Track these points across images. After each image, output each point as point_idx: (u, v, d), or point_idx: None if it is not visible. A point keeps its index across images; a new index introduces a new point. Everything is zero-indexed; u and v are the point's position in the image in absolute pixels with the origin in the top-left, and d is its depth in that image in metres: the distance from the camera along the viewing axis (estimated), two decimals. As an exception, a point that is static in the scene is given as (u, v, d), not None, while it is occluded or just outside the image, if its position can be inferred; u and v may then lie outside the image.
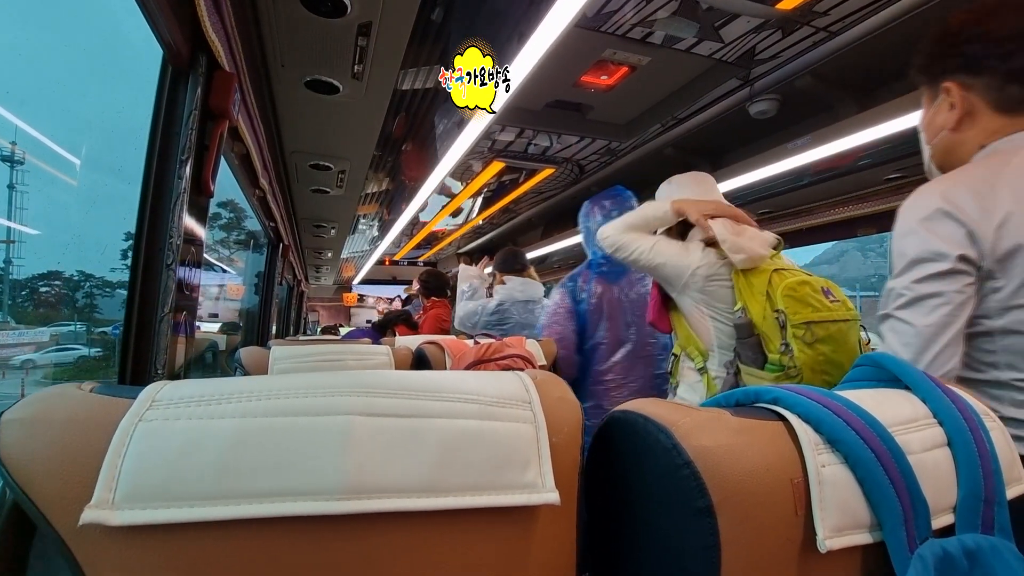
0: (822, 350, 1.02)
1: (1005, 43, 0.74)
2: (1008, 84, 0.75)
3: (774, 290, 1.07)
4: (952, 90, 0.80)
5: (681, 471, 0.36)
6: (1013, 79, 0.74)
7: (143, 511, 0.30)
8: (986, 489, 0.40)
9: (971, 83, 0.78)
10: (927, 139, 0.88)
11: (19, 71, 4.73)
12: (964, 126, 0.80)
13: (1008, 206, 0.68)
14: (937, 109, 0.83)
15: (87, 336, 4.88)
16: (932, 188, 0.74)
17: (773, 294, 1.07)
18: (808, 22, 1.47)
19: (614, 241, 1.30)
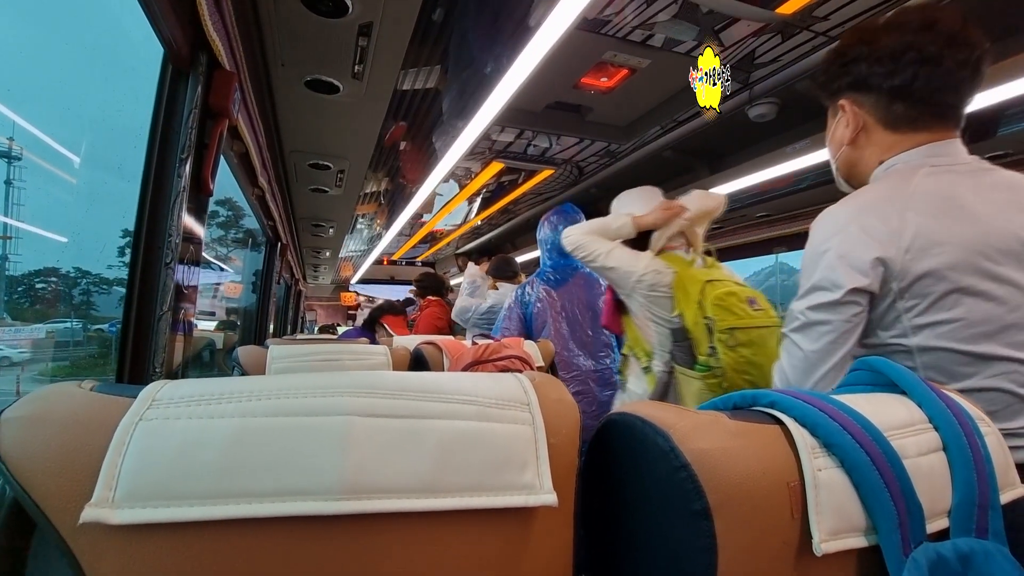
0: (743, 353, 1.14)
1: (887, 62, 0.76)
2: (893, 101, 0.78)
3: (705, 299, 1.19)
4: (846, 107, 0.83)
5: (678, 473, 0.36)
6: (897, 96, 0.77)
7: (143, 510, 0.30)
8: (980, 494, 0.40)
9: (862, 100, 0.81)
10: (831, 154, 0.91)
11: (19, 68, 4.72)
12: (860, 142, 0.83)
13: (914, 230, 0.70)
14: (836, 125, 0.86)
15: (84, 333, 4.86)
16: (838, 210, 0.77)
17: (704, 303, 1.19)
18: (808, 27, 1.47)
19: (575, 240, 1.43)
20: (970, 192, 0.72)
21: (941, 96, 0.75)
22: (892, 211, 0.72)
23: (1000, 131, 1.59)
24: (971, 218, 0.71)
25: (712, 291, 1.19)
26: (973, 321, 0.70)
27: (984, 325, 0.69)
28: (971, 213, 0.71)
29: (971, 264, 0.69)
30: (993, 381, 0.70)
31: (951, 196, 0.72)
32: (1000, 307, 0.69)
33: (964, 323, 0.70)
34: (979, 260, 0.69)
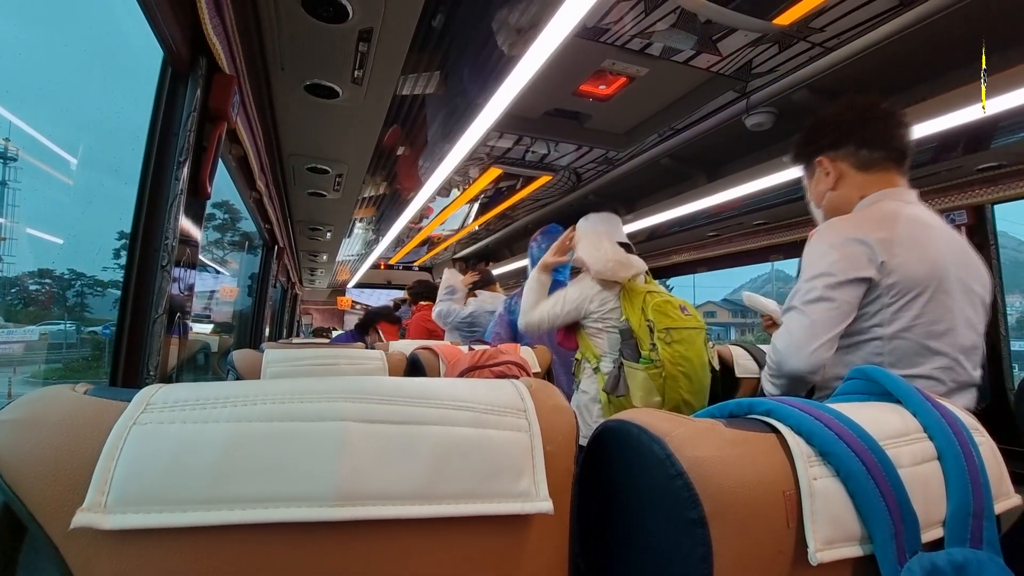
0: (677, 348, 1.46)
1: (853, 124, 1.03)
2: (860, 149, 1.02)
3: (646, 306, 1.51)
4: (824, 162, 1.07)
5: (674, 481, 0.36)
6: (863, 145, 1.02)
7: (135, 515, 0.30)
8: (975, 503, 0.40)
9: (836, 154, 1.05)
10: (816, 204, 1.13)
11: (15, 68, 4.70)
12: (840, 185, 1.05)
13: (904, 242, 0.90)
14: (817, 180, 1.09)
15: (77, 336, 4.82)
16: (842, 222, 0.96)
17: (645, 309, 1.51)
18: (804, 37, 1.49)
19: (528, 324, 1.72)
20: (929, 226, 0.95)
21: (895, 141, 1.01)
22: (888, 225, 0.91)
23: (994, 143, 1.61)
24: (934, 243, 0.92)
25: (652, 300, 1.52)
26: (931, 320, 0.89)
27: (937, 325, 0.90)
28: (934, 240, 0.93)
29: (936, 277, 0.90)
30: (935, 372, 0.90)
31: (920, 224, 0.94)
32: (948, 314, 0.90)
33: (926, 321, 0.89)
34: (940, 276, 0.90)
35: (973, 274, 0.95)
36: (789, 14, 1.37)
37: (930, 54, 1.53)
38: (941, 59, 1.55)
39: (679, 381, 1.47)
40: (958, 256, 0.95)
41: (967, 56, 1.50)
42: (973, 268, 0.96)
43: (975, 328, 0.93)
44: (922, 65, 1.59)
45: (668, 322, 1.47)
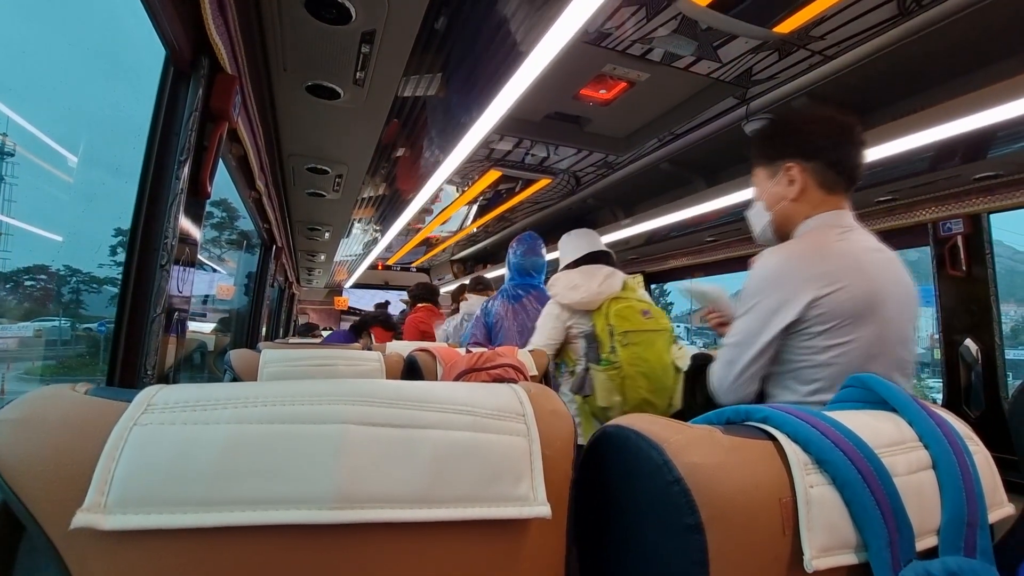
0: (635, 350, 1.59)
1: (831, 142, 1.02)
2: (829, 169, 1.02)
3: (609, 312, 1.64)
4: (794, 169, 1.04)
5: (671, 488, 0.36)
6: (832, 167, 1.02)
7: (135, 516, 0.30)
8: (969, 512, 0.40)
9: (806, 165, 1.03)
10: (768, 206, 1.11)
11: (21, 66, 4.69)
12: (801, 197, 1.05)
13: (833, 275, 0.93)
14: (778, 182, 1.07)
15: (72, 332, 4.80)
16: (781, 257, 0.99)
17: (608, 314, 1.64)
18: (804, 45, 1.50)
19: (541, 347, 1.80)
20: (863, 253, 0.99)
21: (855, 170, 1.04)
22: (819, 259, 0.95)
23: (991, 153, 1.62)
24: (865, 272, 0.96)
25: (615, 306, 1.65)
26: (867, 345, 0.94)
27: (872, 349, 0.94)
28: (865, 269, 0.96)
29: (871, 305, 0.94)
30: None
31: (853, 253, 0.98)
32: (880, 338, 0.94)
33: (861, 346, 0.93)
34: (875, 303, 0.94)
35: (904, 292, 1.00)
36: (790, 22, 1.38)
37: (928, 64, 1.54)
38: (939, 69, 1.56)
39: (638, 381, 1.57)
40: (891, 277, 0.99)
41: (964, 66, 1.51)
42: (904, 286, 1.01)
43: (907, 344, 0.99)
44: (920, 75, 1.60)
45: (627, 325, 1.61)
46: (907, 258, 3.47)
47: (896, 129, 1.55)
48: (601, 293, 1.68)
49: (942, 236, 1.98)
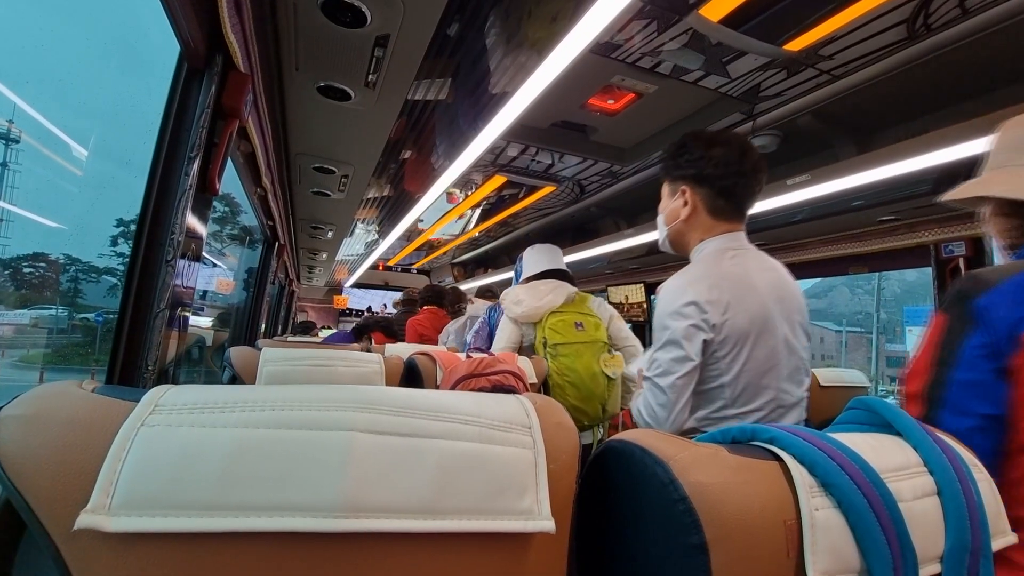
0: (563, 361, 1.73)
1: (722, 168, 1.08)
2: (719, 197, 1.10)
3: (544, 325, 1.79)
4: (688, 192, 1.12)
5: (677, 506, 0.36)
6: (721, 195, 1.09)
7: (140, 519, 0.30)
8: (973, 540, 0.40)
9: (698, 190, 1.11)
10: (666, 221, 1.20)
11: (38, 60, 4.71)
12: (691, 220, 1.13)
13: (727, 299, 1.01)
14: (675, 200, 1.16)
15: (68, 321, 4.79)
16: (682, 283, 1.05)
17: (544, 327, 1.79)
18: (813, 64, 1.51)
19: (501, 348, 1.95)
20: (755, 272, 1.07)
21: (745, 200, 1.11)
22: (713, 285, 1.02)
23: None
24: (757, 291, 1.05)
25: (551, 319, 1.80)
26: (760, 361, 1.03)
27: (765, 364, 1.03)
28: (756, 288, 1.05)
29: (759, 323, 1.03)
30: (764, 405, 1.05)
31: (745, 274, 1.06)
32: (772, 352, 1.03)
33: (755, 363, 1.02)
34: (763, 321, 1.03)
35: (792, 305, 1.09)
36: (799, 41, 1.39)
37: (934, 88, 1.55)
38: (945, 93, 1.57)
39: (566, 390, 1.71)
40: (778, 293, 1.08)
41: (970, 91, 1.52)
42: (791, 299, 1.10)
43: (797, 352, 1.08)
44: (926, 98, 1.61)
45: (558, 339, 1.76)
46: (906, 276, 3.46)
47: (901, 150, 1.56)
48: (541, 307, 1.83)
49: (944, 258, 1.98)
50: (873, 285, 41.61)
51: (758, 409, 1.05)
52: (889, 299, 50.50)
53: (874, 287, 38.52)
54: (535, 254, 2.03)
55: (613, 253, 3.31)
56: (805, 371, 1.11)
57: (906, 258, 2.16)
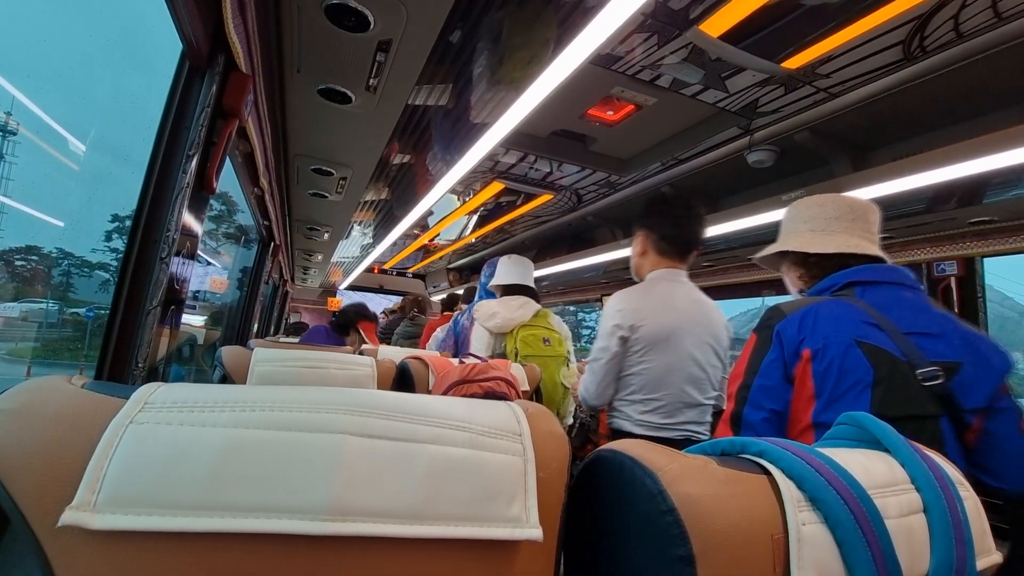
0: None
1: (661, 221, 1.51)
2: (662, 240, 1.51)
3: (517, 336, 2.00)
4: (640, 235, 1.55)
5: (664, 517, 0.36)
6: (663, 239, 1.50)
7: (125, 517, 0.30)
8: (958, 559, 0.41)
9: (649, 235, 1.53)
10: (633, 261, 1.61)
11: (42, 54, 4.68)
12: (643, 256, 1.56)
13: (646, 311, 1.41)
14: (636, 242, 1.58)
15: (59, 316, 4.74)
16: (618, 297, 1.46)
17: (516, 339, 1.99)
18: (810, 82, 1.53)
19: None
20: (678, 299, 1.46)
21: (686, 246, 1.51)
22: (637, 302, 1.43)
23: (986, 199, 1.65)
24: (675, 310, 1.43)
25: (522, 332, 2.01)
26: (665, 363, 1.41)
27: (669, 365, 1.41)
28: (676, 308, 1.44)
29: (667, 334, 1.41)
30: (665, 396, 1.42)
31: (668, 299, 1.45)
32: (677, 358, 1.41)
33: (662, 363, 1.41)
34: (671, 333, 1.41)
35: (706, 330, 1.44)
36: (797, 58, 1.41)
37: (929, 109, 1.58)
38: (939, 114, 1.60)
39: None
40: (694, 316, 1.45)
41: (964, 113, 1.55)
42: (706, 325, 1.45)
43: (702, 366, 1.43)
44: (921, 118, 1.63)
45: (528, 351, 1.98)
46: (900, 296, 3.39)
47: (895, 169, 1.58)
48: (513, 320, 2.04)
49: (936, 276, 2.00)
50: (866, 301, 41.50)
51: (659, 399, 1.42)
52: (881, 316, 50.43)
53: (867, 303, 38.51)
54: (511, 265, 2.19)
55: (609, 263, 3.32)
56: (711, 383, 1.46)
57: (899, 276, 2.18)
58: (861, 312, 0.92)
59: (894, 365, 0.87)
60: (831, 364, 0.88)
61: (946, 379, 0.87)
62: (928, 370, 0.86)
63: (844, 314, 0.92)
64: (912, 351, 0.88)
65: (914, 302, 0.95)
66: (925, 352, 0.88)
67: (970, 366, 0.88)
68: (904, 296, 0.95)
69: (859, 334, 0.89)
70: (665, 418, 1.44)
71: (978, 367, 0.89)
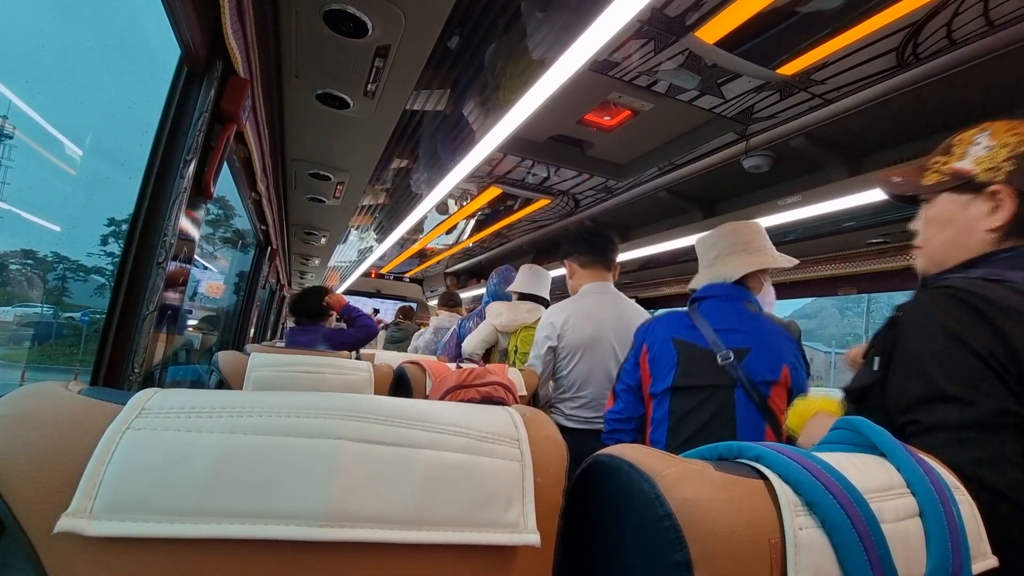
0: None
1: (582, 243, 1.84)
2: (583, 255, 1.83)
3: (519, 335, 2.18)
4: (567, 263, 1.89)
5: (662, 522, 0.36)
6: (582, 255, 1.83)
7: (122, 523, 0.29)
8: (954, 563, 0.41)
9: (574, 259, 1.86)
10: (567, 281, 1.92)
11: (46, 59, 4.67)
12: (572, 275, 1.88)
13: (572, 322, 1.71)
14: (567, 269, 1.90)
15: (54, 320, 4.72)
16: (548, 312, 1.79)
17: (518, 337, 2.18)
18: (805, 88, 1.54)
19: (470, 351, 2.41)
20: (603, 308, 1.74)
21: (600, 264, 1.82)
22: (568, 312, 1.73)
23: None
24: (597, 320, 1.71)
25: (523, 332, 2.18)
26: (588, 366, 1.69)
27: (592, 369, 1.69)
28: (598, 318, 1.71)
29: (591, 341, 1.69)
30: (588, 395, 1.70)
31: (593, 309, 1.74)
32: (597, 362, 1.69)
33: (584, 366, 1.69)
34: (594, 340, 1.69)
35: (627, 330, 1.57)
36: (792, 65, 1.42)
37: (923, 115, 1.59)
38: (933, 120, 1.61)
39: None
40: (616, 323, 1.71)
41: (957, 119, 1.56)
42: (627, 327, 1.63)
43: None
44: (915, 124, 1.65)
45: (526, 348, 2.12)
46: (895, 299, 3.48)
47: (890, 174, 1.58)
48: (516, 321, 2.23)
49: (930, 281, 2.01)
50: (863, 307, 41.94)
51: (585, 397, 1.70)
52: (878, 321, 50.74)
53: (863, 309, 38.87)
54: (530, 274, 2.35)
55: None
56: None
57: (894, 280, 2.19)
58: (685, 318, 1.31)
59: (695, 351, 1.24)
60: (656, 355, 1.29)
61: (736, 360, 1.20)
62: (723, 353, 1.21)
63: (671, 321, 1.32)
64: (716, 342, 1.23)
65: (730, 308, 1.29)
66: (726, 342, 1.22)
67: (758, 350, 1.21)
68: (723, 305, 1.30)
69: (675, 333, 1.28)
70: (592, 412, 1.69)
71: (765, 351, 1.22)
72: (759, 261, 1.33)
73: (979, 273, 0.67)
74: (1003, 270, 0.65)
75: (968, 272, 0.69)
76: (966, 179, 0.71)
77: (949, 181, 0.73)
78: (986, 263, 0.68)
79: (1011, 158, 0.67)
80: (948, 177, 0.73)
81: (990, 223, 0.69)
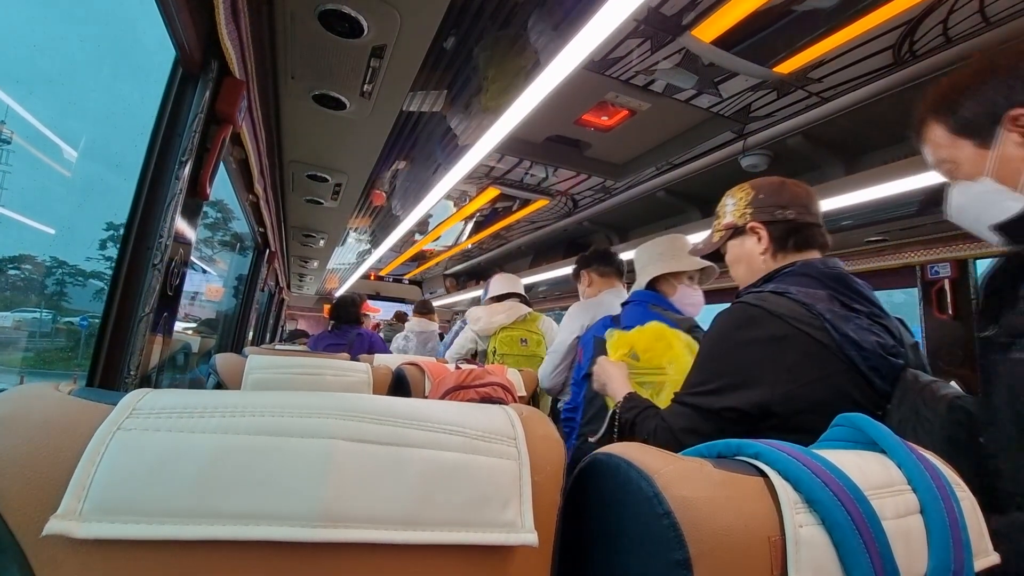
0: None
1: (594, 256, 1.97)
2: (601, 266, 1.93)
3: (497, 337, 2.28)
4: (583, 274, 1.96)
5: (660, 521, 0.36)
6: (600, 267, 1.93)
7: (111, 525, 0.29)
8: (956, 560, 0.40)
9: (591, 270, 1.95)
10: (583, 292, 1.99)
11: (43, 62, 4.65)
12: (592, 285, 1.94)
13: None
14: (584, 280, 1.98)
15: (52, 325, 4.71)
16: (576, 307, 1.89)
17: (497, 339, 2.28)
18: (802, 86, 1.54)
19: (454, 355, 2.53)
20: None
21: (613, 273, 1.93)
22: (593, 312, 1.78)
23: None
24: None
25: (501, 333, 2.29)
26: None
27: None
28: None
29: None
30: None
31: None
32: None
33: None
34: None
35: None
36: (789, 63, 1.42)
37: (920, 112, 1.58)
38: (930, 117, 1.60)
39: None
40: None
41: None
42: None
43: None
44: (911, 122, 1.64)
45: (505, 349, 2.26)
46: (893, 297, 3.49)
47: (887, 172, 1.59)
48: (494, 323, 2.31)
49: (929, 279, 2.01)
50: (861, 305, 41.73)
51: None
52: (877, 319, 50.77)
53: (862, 307, 38.80)
54: (503, 279, 2.53)
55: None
56: None
57: (893, 278, 2.19)
58: (610, 321, 1.56)
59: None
60: (584, 348, 1.57)
61: None
62: None
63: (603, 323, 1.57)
64: None
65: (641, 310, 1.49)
66: None
67: None
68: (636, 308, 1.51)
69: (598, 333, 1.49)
70: None
71: None
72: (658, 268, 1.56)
73: (771, 287, 0.88)
74: (788, 285, 0.86)
75: (763, 287, 0.89)
76: (733, 228, 1.01)
77: (726, 233, 1.03)
78: (777, 278, 0.90)
79: (748, 204, 0.99)
80: (724, 231, 1.03)
81: (760, 248, 0.96)
